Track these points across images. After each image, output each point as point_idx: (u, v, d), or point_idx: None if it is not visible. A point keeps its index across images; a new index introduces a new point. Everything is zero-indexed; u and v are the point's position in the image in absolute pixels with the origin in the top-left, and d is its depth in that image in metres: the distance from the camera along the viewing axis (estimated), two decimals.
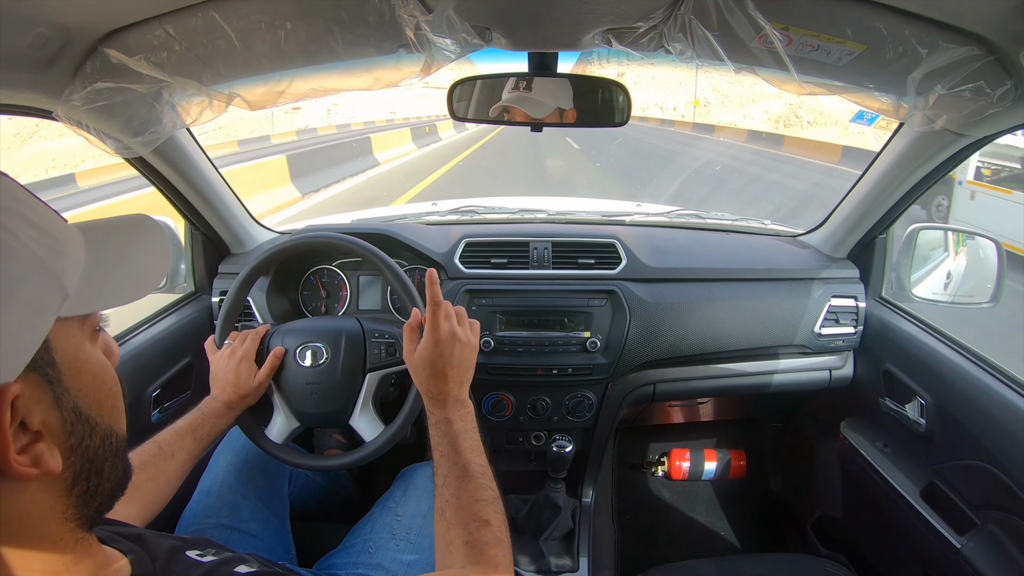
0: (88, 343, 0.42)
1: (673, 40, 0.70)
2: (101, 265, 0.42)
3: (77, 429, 0.39)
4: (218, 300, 1.33)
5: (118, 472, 0.45)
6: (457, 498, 0.69)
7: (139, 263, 0.47)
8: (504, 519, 0.69)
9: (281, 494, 1.09)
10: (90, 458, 0.41)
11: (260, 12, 0.70)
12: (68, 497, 0.40)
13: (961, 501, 1.00)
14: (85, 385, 0.40)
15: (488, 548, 0.65)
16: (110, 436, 0.43)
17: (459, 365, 0.79)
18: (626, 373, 1.27)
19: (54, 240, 0.39)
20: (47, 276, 0.37)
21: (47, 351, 0.37)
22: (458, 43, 0.71)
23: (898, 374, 1.17)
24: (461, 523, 0.67)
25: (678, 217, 1.65)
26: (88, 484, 0.41)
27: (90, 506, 0.42)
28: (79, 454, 0.40)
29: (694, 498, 1.82)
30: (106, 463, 0.42)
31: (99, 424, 0.42)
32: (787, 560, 1.14)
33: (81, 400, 0.40)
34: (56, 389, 0.38)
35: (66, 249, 0.40)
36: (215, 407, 0.95)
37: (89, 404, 0.40)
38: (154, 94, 0.81)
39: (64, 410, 0.38)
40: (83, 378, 0.40)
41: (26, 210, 0.38)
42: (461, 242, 1.30)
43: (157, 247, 0.50)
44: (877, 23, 0.65)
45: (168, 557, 0.50)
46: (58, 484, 0.39)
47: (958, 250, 1.23)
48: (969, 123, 0.81)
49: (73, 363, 0.39)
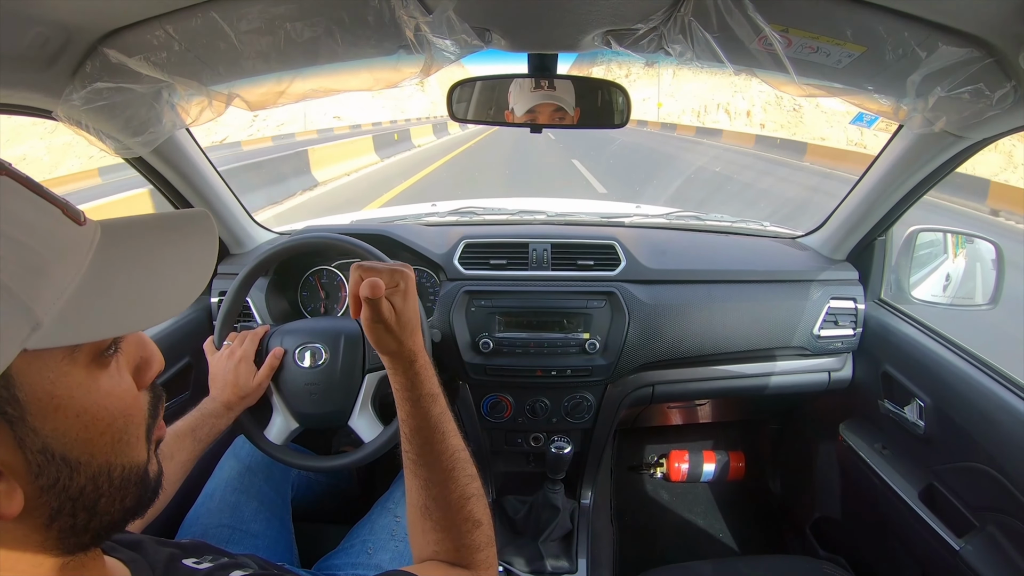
0: (81, 373, 0.35)
1: (673, 42, 0.70)
2: (107, 279, 0.36)
3: (48, 471, 0.34)
4: (217, 300, 1.33)
5: (126, 503, 0.39)
6: (446, 497, 0.63)
7: (164, 277, 0.39)
8: (489, 511, 0.67)
9: (284, 496, 1.09)
10: (72, 497, 0.36)
11: (260, 12, 0.70)
12: (47, 531, 0.36)
13: (960, 503, 1.00)
14: (63, 425, 0.34)
15: (479, 552, 0.64)
16: (106, 473, 0.37)
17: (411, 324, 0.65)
18: (625, 374, 1.27)
19: (32, 256, 0.33)
20: (9, 303, 0.31)
21: (6, 387, 0.32)
22: (458, 44, 0.71)
23: (897, 376, 1.17)
24: (452, 525, 0.63)
25: (677, 219, 1.65)
26: (74, 520, 0.36)
27: (83, 537, 0.38)
28: (54, 494, 0.35)
29: (693, 500, 1.82)
30: (101, 499, 0.37)
31: (86, 464, 0.36)
32: (786, 562, 1.14)
33: (55, 441, 0.34)
34: (17, 429, 0.32)
35: (49, 266, 0.33)
36: (214, 408, 0.95)
37: (69, 444, 0.35)
38: (154, 94, 0.81)
39: (28, 452, 0.33)
40: (60, 416, 0.34)
41: (4, 221, 0.32)
42: (460, 243, 1.30)
43: (198, 255, 0.41)
44: (876, 25, 0.65)
45: (166, 566, 0.49)
46: (32, 519, 0.35)
47: (957, 252, 1.23)
48: (968, 125, 0.82)
49: (46, 400, 0.33)
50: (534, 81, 0.96)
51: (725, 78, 24.40)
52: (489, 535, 0.65)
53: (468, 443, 0.69)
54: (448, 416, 0.67)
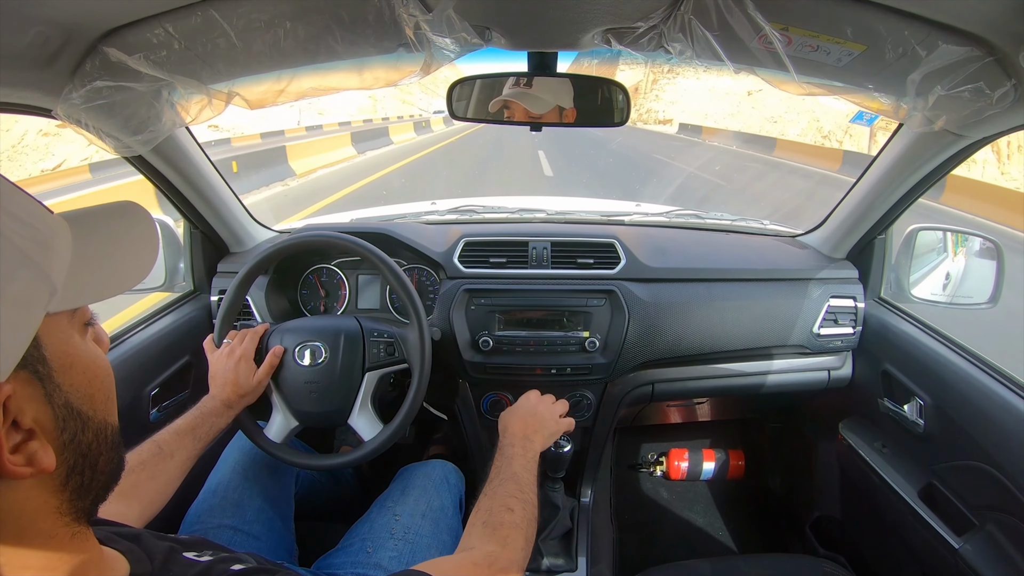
0: (78, 336, 0.41)
1: (673, 40, 0.70)
2: (88, 257, 0.41)
3: (69, 425, 0.39)
4: (217, 299, 1.33)
5: (112, 464, 0.44)
6: (493, 493, 0.80)
7: (127, 253, 0.46)
8: (532, 516, 0.79)
9: (288, 495, 1.09)
10: (83, 452, 0.40)
11: (260, 11, 0.70)
12: (62, 492, 0.39)
13: (959, 502, 1.01)
14: (76, 380, 0.40)
15: (503, 528, 0.73)
16: (104, 429, 0.42)
17: (541, 423, 1.00)
18: (625, 373, 1.27)
19: (39, 233, 0.38)
20: (34, 271, 0.36)
21: (36, 348, 0.36)
22: (458, 42, 0.71)
23: (897, 375, 1.17)
24: (487, 509, 0.77)
25: (677, 217, 1.66)
26: (82, 478, 0.40)
27: (85, 499, 0.41)
28: (72, 449, 0.39)
29: (692, 498, 1.82)
30: (100, 457, 0.42)
31: (92, 418, 0.41)
32: (785, 560, 1.14)
33: (72, 395, 0.39)
34: (47, 386, 0.37)
35: (52, 242, 0.39)
36: (214, 406, 0.95)
37: (81, 399, 0.40)
38: (153, 93, 0.81)
39: (55, 406, 0.38)
40: (74, 373, 0.39)
41: (8, 203, 0.37)
42: (460, 241, 1.30)
43: (146, 236, 0.48)
44: (877, 24, 0.65)
45: (165, 557, 0.49)
46: (52, 480, 0.38)
47: (957, 251, 1.23)
48: (968, 124, 0.82)
49: (63, 358, 0.39)
50: (516, 79, 0.96)
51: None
52: (517, 521, 0.76)
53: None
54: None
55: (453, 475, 1.14)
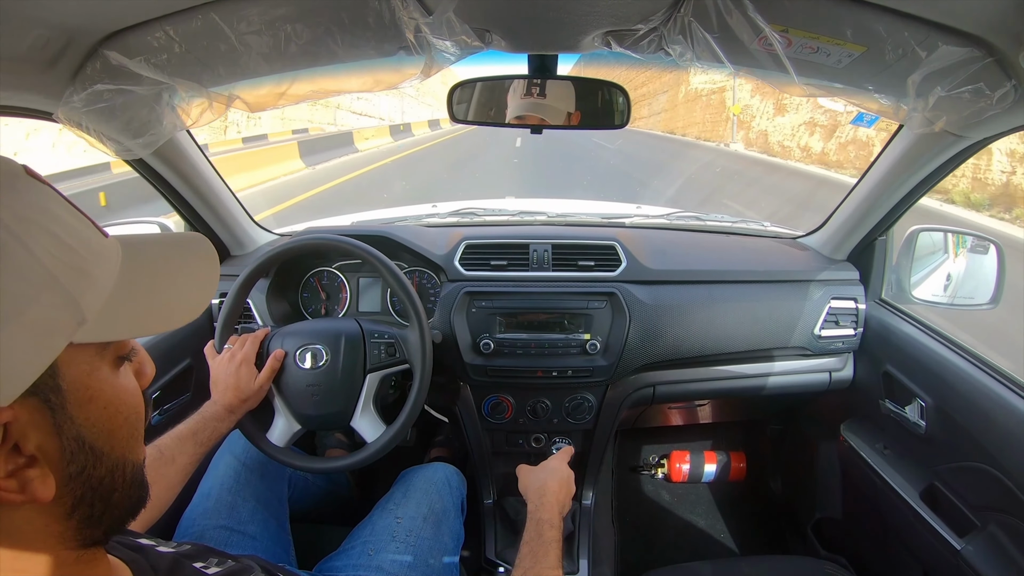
0: (107, 369, 0.39)
1: (673, 42, 0.70)
2: (132, 289, 0.39)
3: (78, 458, 0.37)
4: (217, 302, 1.33)
5: (131, 501, 0.42)
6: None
7: (178, 291, 0.43)
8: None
9: (280, 496, 1.09)
10: (93, 487, 0.38)
11: (260, 14, 0.70)
12: (67, 520, 0.38)
13: (961, 503, 1.00)
14: (94, 414, 0.37)
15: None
16: (122, 466, 0.40)
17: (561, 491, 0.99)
18: (626, 375, 1.27)
19: (77, 257, 0.36)
20: (61, 296, 0.34)
21: (52, 376, 0.34)
22: (458, 45, 0.71)
23: (898, 376, 1.17)
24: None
25: (678, 219, 1.65)
26: (92, 510, 0.39)
27: (96, 529, 0.40)
28: (80, 482, 0.37)
29: (694, 500, 1.82)
30: (115, 492, 0.40)
31: (107, 454, 0.39)
32: (787, 562, 1.14)
33: (87, 429, 0.37)
34: (57, 416, 0.35)
35: (91, 268, 0.37)
36: (216, 411, 0.95)
37: (97, 434, 0.38)
38: (154, 96, 0.81)
39: (65, 438, 0.36)
40: (92, 407, 0.37)
41: (52, 222, 0.35)
42: (461, 244, 1.30)
43: (203, 275, 0.45)
44: (876, 25, 0.65)
45: (171, 567, 0.49)
46: (56, 508, 0.37)
47: (958, 251, 1.23)
48: (969, 125, 0.82)
49: (83, 391, 0.37)
50: (526, 87, 0.95)
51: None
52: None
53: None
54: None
55: (455, 478, 1.14)
